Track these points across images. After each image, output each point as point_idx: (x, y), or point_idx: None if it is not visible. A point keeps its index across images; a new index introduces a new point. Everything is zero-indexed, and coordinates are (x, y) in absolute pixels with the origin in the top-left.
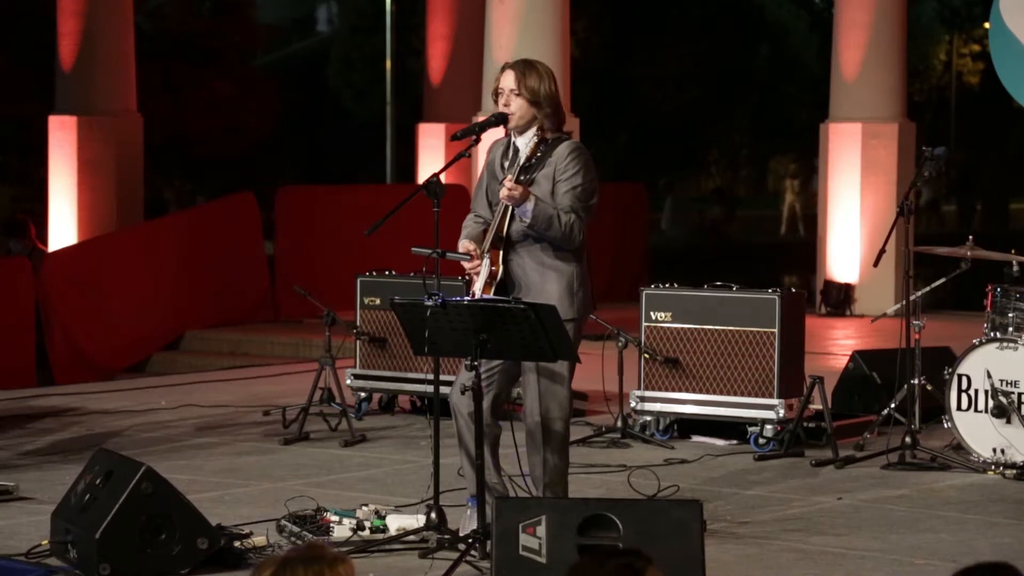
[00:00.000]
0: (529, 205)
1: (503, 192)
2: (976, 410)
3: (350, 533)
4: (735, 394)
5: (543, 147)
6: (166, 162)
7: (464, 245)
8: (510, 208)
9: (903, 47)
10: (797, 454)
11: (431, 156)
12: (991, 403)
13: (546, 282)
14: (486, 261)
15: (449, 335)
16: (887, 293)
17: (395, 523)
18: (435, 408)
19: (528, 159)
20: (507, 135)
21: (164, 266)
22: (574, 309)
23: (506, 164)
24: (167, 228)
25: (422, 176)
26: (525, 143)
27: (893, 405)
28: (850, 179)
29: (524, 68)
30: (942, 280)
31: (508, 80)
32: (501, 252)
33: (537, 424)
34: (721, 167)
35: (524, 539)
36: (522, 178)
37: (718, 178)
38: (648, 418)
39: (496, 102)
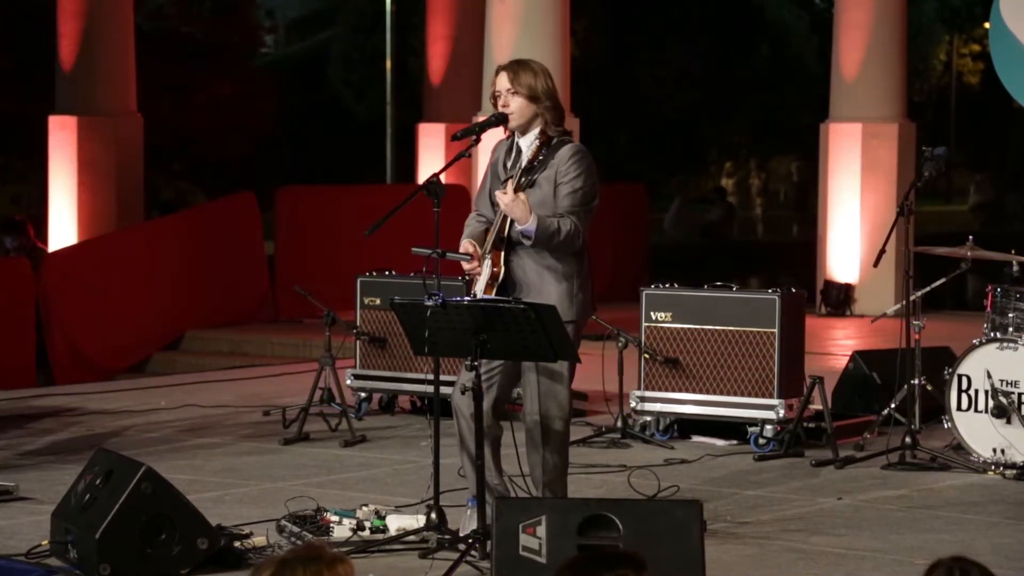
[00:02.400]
0: (531, 227)
1: (500, 200)
2: (976, 410)
3: (350, 533)
4: (735, 394)
5: (546, 150)
6: (167, 162)
7: (465, 245)
8: None
9: (903, 47)
10: (797, 454)
11: (431, 156)
12: (991, 403)
13: (546, 283)
14: (488, 262)
15: (449, 335)
16: (887, 293)
17: (395, 523)
18: (435, 408)
19: (531, 162)
20: (510, 136)
21: (164, 266)
22: (573, 311)
23: (508, 164)
24: (167, 228)
25: (422, 176)
26: (528, 144)
27: (893, 405)
28: (850, 179)
29: (517, 67)
30: (942, 280)
31: (503, 81)
32: (503, 253)
33: (536, 424)
34: (721, 167)
35: (524, 539)
36: (523, 180)
37: (719, 178)
38: (648, 418)
39: (495, 106)
